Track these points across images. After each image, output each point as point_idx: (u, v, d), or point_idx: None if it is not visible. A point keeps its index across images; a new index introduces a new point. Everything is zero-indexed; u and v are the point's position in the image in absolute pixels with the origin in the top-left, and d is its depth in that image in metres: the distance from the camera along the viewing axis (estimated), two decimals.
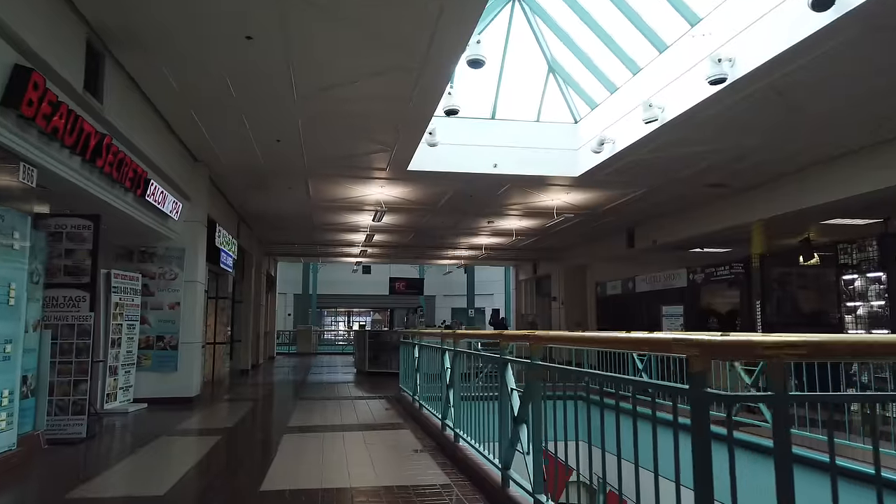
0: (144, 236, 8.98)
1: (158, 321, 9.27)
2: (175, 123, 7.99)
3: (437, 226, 15.54)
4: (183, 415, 8.10)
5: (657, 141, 8.54)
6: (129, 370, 8.77)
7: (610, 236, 16.36)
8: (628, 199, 11.93)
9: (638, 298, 15.10)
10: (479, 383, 5.21)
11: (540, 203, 12.59)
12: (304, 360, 21.01)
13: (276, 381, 13.52)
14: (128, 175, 6.56)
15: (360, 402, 9.43)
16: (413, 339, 8.43)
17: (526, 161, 10.29)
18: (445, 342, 6.17)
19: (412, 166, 9.89)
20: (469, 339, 6.03)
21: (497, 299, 35.86)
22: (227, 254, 12.06)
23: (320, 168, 10.08)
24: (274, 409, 8.98)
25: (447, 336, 6.09)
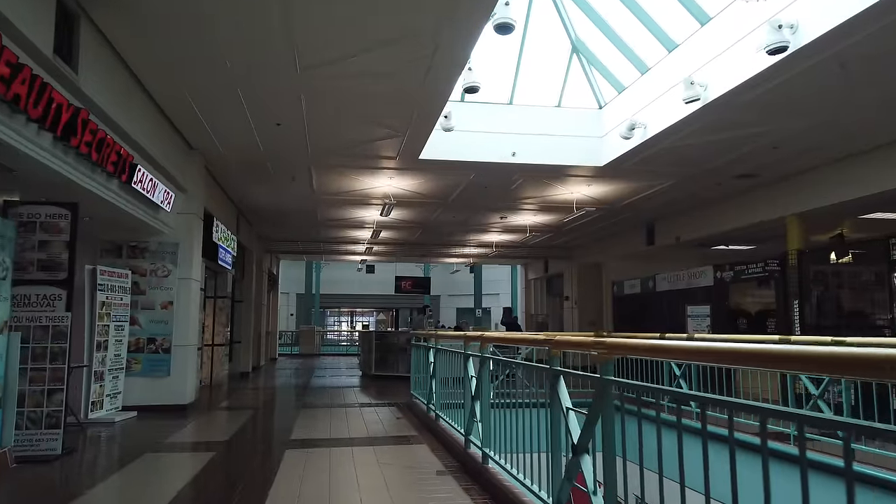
0: (134, 230, 8.25)
1: (150, 322, 8.53)
2: (165, 104, 7.25)
3: (447, 222, 14.79)
4: (175, 425, 7.37)
5: (694, 125, 7.78)
6: (117, 375, 8.03)
7: (628, 233, 15.60)
8: (653, 191, 11.17)
9: (658, 298, 14.34)
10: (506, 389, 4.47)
11: (557, 196, 11.83)
12: (307, 362, 20.28)
13: (277, 385, 12.79)
14: (109, 158, 5.82)
15: (367, 410, 8.69)
16: (427, 342, 7.68)
17: (546, 149, 9.54)
18: (469, 347, 5.41)
19: (424, 154, 9.14)
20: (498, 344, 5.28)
21: (503, 299, 35.07)
22: (225, 250, 11.33)
23: (325, 157, 9.34)
24: (275, 419, 8.24)
25: (472, 339, 5.34)
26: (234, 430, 7.05)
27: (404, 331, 15.12)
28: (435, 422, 6.81)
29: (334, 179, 10.69)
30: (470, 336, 5.35)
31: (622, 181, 10.65)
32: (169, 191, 7.84)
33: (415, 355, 8.99)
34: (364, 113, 7.47)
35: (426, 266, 30.64)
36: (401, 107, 7.23)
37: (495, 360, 4.64)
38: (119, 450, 6.05)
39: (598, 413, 2.73)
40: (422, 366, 8.43)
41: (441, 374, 6.95)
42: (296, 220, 14.69)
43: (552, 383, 3.24)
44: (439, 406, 6.85)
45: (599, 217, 13.72)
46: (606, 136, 9.59)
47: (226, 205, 11.98)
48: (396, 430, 7.01)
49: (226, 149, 8.86)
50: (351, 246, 18.93)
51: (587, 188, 11.17)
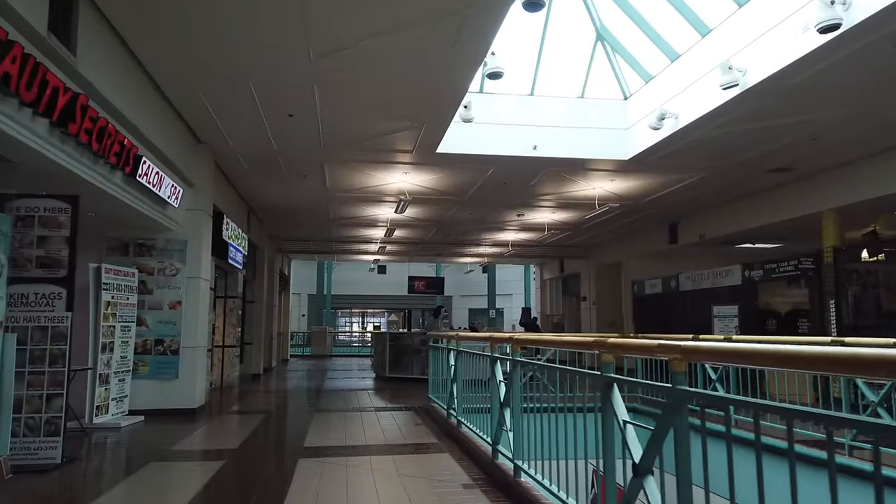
0: (141, 226, 7.92)
1: (157, 322, 8.20)
2: (171, 93, 6.91)
3: (463, 220, 14.39)
4: (183, 430, 7.03)
5: (731, 113, 7.34)
6: (124, 378, 7.71)
7: (649, 231, 15.13)
8: (679, 186, 10.71)
9: (682, 298, 13.85)
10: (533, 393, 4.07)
11: (578, 192, 11.40)
12: (319, 363, 19.96)
13: (289, 387, 12.45)
14: (112, 148, 5.47)
15: (384, 415, 8.31)
16: (447, 344, 7.29)
17: (569, 142, 9.12)
18: (497, 349, 5.01)
19: (442, 148, 8.75)
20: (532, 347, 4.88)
21: (516, 300, 34.64)
22: (236, 248, 11.00)
23: (338, 152, 8.97)
24: (287, 424, 7.88)
25: (500, 341, 4.93)
26: (244, 437, 6.69)
27: (418, 332, 14.74)
28: (456, 428, 6.41)
29: (347, 175, 10.33)
30: (498, 338, 4.95)
31: (647, 176, 10.20)
32: (176, 185, 7.50)
33: (433, 357, 8.60)
34: (380, 103, 7.09)
35: (438, 266, 30.26)
36: (419, 95, 6.85)
37: (529, 364, 4.23)
38: (123, 458, 5.70)
39: (666, 429, 2.32)
40: (441, 368, 8.04)
41: (463, 377, 6.55)
42: (308, 218, 14.36)
43: (604, 392, 2.84)
44: (461, 411, 6.45)
45: (620, 214, 13.27)
46: (632, 128, 9.15)
47: (236, 202, 11.66)
48: (416, 437, 6.62)
49: (235, 143, 8.52)
50: (363, 245, 18.58)
51: (610, 184, 10.73)
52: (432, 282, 21.21)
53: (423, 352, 13.49)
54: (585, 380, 3.38)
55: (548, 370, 3.91)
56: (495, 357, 4.94)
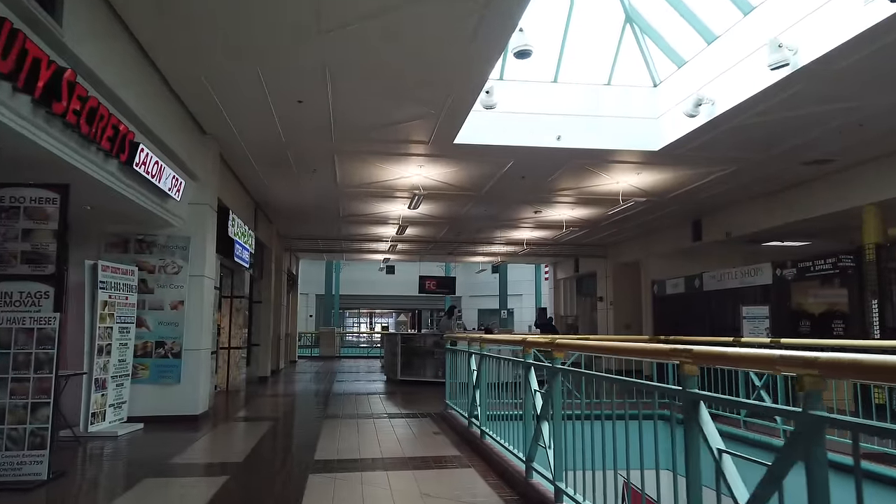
0: (141, 221, 7.46)
1: (158, 323, 7.73)
2: (172, 78, 6.41)
3: (477, 216, 13.87)
4: (184, 439, 6.54)
5: (776, 97, 6.77)
6: (122, 383, 7.23)
7: (671, 228, 14.55)
8: (709, 180, 10.14)
9: (705, 298, 13.25)
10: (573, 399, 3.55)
11: (600, 187, 10.85)
12: (328, 365, 19.48)
13: (297, 391, 11.96)
14: (105, 132, 4.98)
15: (398, 422, 7.79)
16: (469, 347, 6.76)
17: (595, 132, 8.57)
18: (530, 354, 4.47)
19: (460, 138, 8.23)
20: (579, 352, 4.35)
21: (526, 300, 34.11)
22: (242, 246, 10.52)
23: (349, 143, 8.47)
24: (295, 433, 7.37)
25: (536, 346, 4.40)
26: (250, 447, 6.19)
27: (431, 333, 14.22)
28: (479, 439, 5.88)
29: (359, 169, 9.82)
30: (533, 342, 4.41)
31: (675, 169, 9.64)
32: (178, 177, 7.02)
33: (451, 361, 8.08)
34: (395, 87, 6.57)
35: (447, 266, 29.76)
36: (438, 79, 6.33)
37: (575, 373, 3.70)
38: (116, 472, 5.21)
39: (786, 466, 1.79)
40: (460, 372, 7.53)
41: (486, 383, 6.02)
42: (317, 215, 13.88)
43: (689, 413, 2.30)
44: (484, 421, 5.92)
45: (642, 211, 12.72)
46: (661, 117, 8.60)
47: (243, 198, 11.19)
48: (435, 449, 6.10)
49: (242, 134, 8.03)
50: (373, 244, 18.09)
51: (635, 177, 10.17)
52: (443, 281, 20.67)
53: (437, 354, 12.99)
54: (662, 395, 2.84)
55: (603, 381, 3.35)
56: (529, 363, 4.41)
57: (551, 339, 3.88)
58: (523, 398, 4.71)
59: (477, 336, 6.33)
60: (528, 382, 4.34)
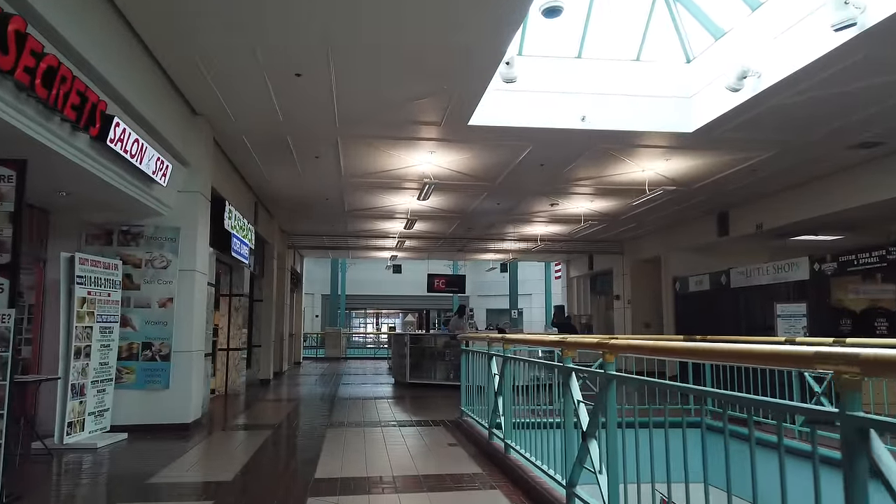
0: (124, 210, 6.77)
1: (145, 323, 7.03)
2: (154, 46, 5.70)
3: (490, 210, 13.13)
4: (171, 452, 5.84)
5: (831, 69, 6.01)
6: (104, 389, 6.55)
7: (694, 222, 13.76)
8: (741, 168, 9.36)
9: (733, 295, 12.45)
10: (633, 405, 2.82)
11: (624, 176, 10.08)
12: (333, 367, 18.78)
13: (301, 395, 11.25)
14: (68, 99, 4.27)
15: (409, 431, 7.07)
16: (489, 349, 6.02)
17: (623, 113, 7.83)
18: (570, 358, 3.73)
19: (475, 119, 7.50)
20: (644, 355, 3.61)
21: (536, 299, 33.37)
22: (240, 240, 9.82)
23: (354, 126, 7.75)
24: (296, 444, 6.65)
25: (579, 347, 3.66)
26: (243, 462, 5.47)
27: (442, 333, 13.49)
28: (503, 454, 5.15)
29: (365, 156, 9.10)
30: (577, 343, 3.66)
31: (708, 154, 8.87)
32: (163, 160, 6.32)
33: (466, 364, 7.35)
34: (406, 56, 5.84)
35: (454, 265, 29.03)
36: (454, 44, 5.59)
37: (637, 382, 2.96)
38: (85, 495, 4.50)
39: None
40: (476, 376, 6.80)
41: (511, 389, 5.28)
42: (320, 210, 13.16)
43: (850, 445, 1.56)
44: (509, 433, 5.18)
45: (664, 203, 11.93)
46: (695, 96, 7.84)
47: (241, 190, 10.49)
48: (452, 464, 5.36)
49: (237, 115, 7.33)
50: (380, 241, 17.36)
51: (663, 164, 9.41)
52: (453, 280, 19.93)
53: (448, 355, 12.28)
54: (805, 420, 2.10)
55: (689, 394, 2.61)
56: (570, 369, 3.67)
57: (603, 340, 3.13)
58: (559, 407, 3.99)
59: (499, 336, 5.59)
60: (570, 392, 3.59)
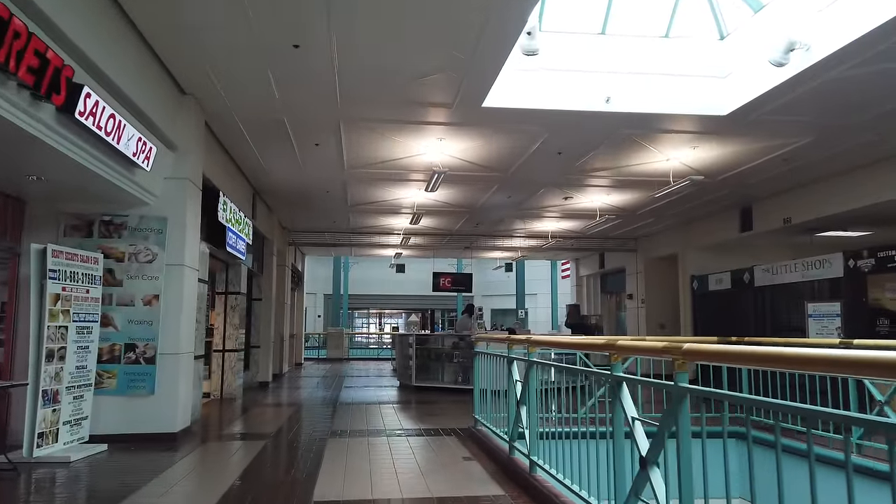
0: (105, 198, 6.14)
1: (128, 322, 6.40)
2: (136, 15, 5.08)
3: (499, 205, 12.49)
4: (153, 467, 5.22)
5: (891, 39, 5.36)
6: (82, 395, 5.92)
7: (714, 218, 13.10)
8: (779, 154, 8.70)
9: (758, 294, 11.82)
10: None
11: (645, 166, 9.43)
12: (336, 368, 18.16)
13: (301, 399, 10.63)
14: (23, 59, 3.63)
15: (417, 442, 6.43)
16: (508, 351, 5.37)
17: (650, 94, 7.18)
18: (619, 364, 3.08)
19: (490, 101, 6.87)
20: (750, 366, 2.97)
21: (542, 299, 32.70)
22: (236, 235, 9.20)
23: (358, 106, 7.11)
24: (293, 458, 6.00)
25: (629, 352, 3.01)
26: (230, 481, 4.84)
27: (448, 333, 12.86)
28: (528, 473, 4.50)
29: (369, 143, 8.46)
30: (629, 347, 3.01)
31: (740, 141, 8.22)
32: (147, 141, 5.68)
33: (480, 367, 6.72)
34: (416, 22, 5.21)
35: (459, 264, 28.38)
36: (470, 4, 4.95)
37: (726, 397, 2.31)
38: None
39: None
40: (491, 380, 6.16)
41: (535, 397, 4.63)
42: (322, 204, 12.53)
43: None
44: (535, 448, 4.52)
45: (685, 197, 11.28)
46: (730, 76, 7.19)
47: (237, 181, 9.86)
48: (470, 484, 4.72)
49: (229, 94, 6.70)
50: (384, 237, 16.72)
51: (690, 153, 8.75)
52: (459, 279, 19.29)
53: (456, 357, 11.66)
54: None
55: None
56: (621, 378, 3.02)
57: (671, 344, 2.49)
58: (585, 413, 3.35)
59: (523, 337, 4.93)
60: (621, 406, 2.95)
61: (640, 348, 3.08)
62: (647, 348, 2.88)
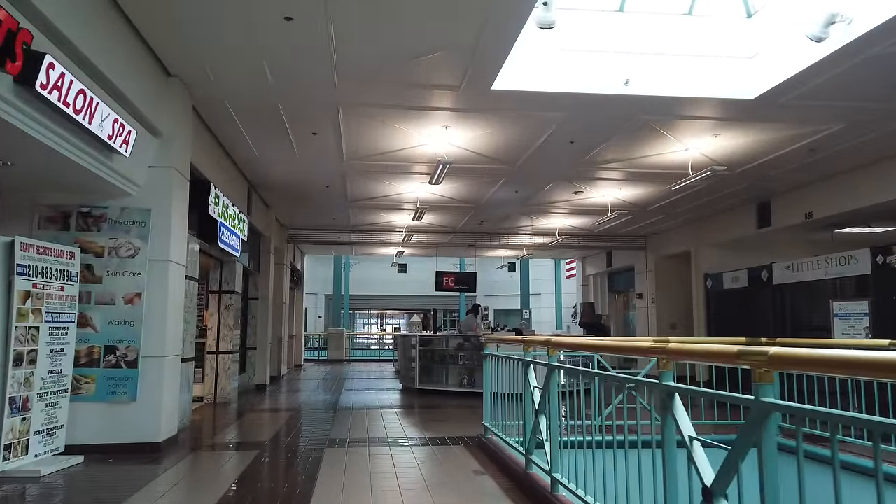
0: (82, 188, 5.65)
1: (108, 323, 5.89)
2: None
3: (505, 201, 11.98)
4: (135, 481, 4.72)
5: None
6: (56, 402, 5.41)
7: (729, 213, 12.57)
8: (807, 143, 8.17)
9: (777, 293, 11.28)
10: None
11: (663, 157, 8.91)
12: (336, 370, 17.65)
13: (299, 403, 10.11)
14: None
15: (422, 452, 5.92)
16: (524, 354, 4.86)
17: (671, 77, 6.67)
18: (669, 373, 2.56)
19: (500, 83, 6.36)
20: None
21: (545, 299, 32.19)
22: (230, 230, 8.70)
23: (357, 90, 6.61)
24: (287, 472, 5.49)
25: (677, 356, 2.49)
26: (218, 496, 4.33)
27: (453, 334, 12.35)
28: (550, 492, 3.98)
29: (369, 132, 7.95)
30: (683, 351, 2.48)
31: (766, 128, 7.71)
32: (125, 124, 5.17)
33: (490, 370, 6.20)
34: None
35: (461, 263, 27.87)
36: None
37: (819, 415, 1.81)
38: None
39: None
40: (503, 384, 5.65)
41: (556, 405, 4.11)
42: (321, 199, 12.02)
43: None
44: (557, 464, 4.00)
45: (700, 192, 10.80)
46: (757, 56, 6.68)
47: (231, 174, 9.36)
48: (482, 503, 4.21)
49: (218, 76, 6.19)
50: (386, 235, 16.20)
51: (711, 142, 8.23)
52: (462, 278, 18.76)
53: (461, 359, 11.15)
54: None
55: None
56: (673, 389, 2.50)
57: (751, 349, 1.97)
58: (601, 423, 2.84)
59: (543, 338, 4.41)
60: (675, 421, 2.43)
61: (702, 353, 2.55)
62: (712, 353, 2.35)
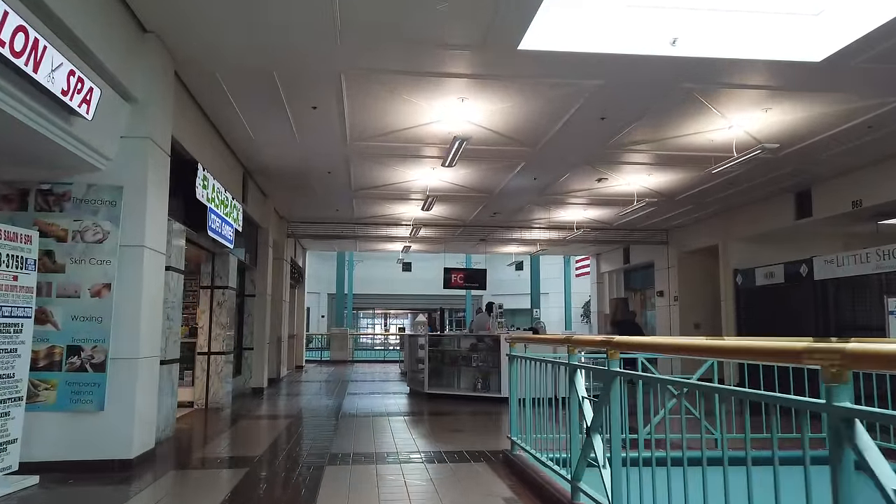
0: (43, 162, 4.79)
1: (72, 319, 5.04)
2: None
3: (520, 190, 11.10)
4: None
5: None
6: (8, 412, 4.55)
7: (763, 203, 11.67)
8: (870, 117, 7.26)
9: (818, 289, 10.35)
10: None
11: (703, 135, 8.00)
12: (339, 372, 16.80)
13: (298, 408, 9.26)
14: None
15: (439, 472, 5.04)
16: (569, 357, 3.97)
17: (723, 36, 5.77)
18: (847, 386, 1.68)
19: (527, 42, 5.48)
20: None
21: (553, 299, 31.38)
22: (221, 218, 7.86)
23: (362, 52, 5.74)
24: (279, 497, 4.62)
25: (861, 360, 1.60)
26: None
27: (464, 334, 11.47)
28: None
29: (375, 104, 7.07)
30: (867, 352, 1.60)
31: (826, 99, 6.80)
32: (84, 79, 4.31)
33: (517, 374, 5.33)
34: None
35: (468, 261, 27.00)
36: None
37: None
38: None
39: None
40: (529, 389, 4.78)
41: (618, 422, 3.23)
42: (322, 187, 11.14)
43: None
44: (621, 496, 3.11)
45: (733, 180, 9.95)
46: (823, 13, 5.77)
47: (224, 158, 8.51)
48: None
49: (203, 31, 5.33)
50: (392, 229, 15.32)
51: (760, 117, 7.33)
52: (472, 275, 17.85)
53: (475, 360, 10.27)
54: None
55: None
56: (850, 412, 1.61)
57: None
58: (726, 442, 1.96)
59: (600, 338, 3.52)
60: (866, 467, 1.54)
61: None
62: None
